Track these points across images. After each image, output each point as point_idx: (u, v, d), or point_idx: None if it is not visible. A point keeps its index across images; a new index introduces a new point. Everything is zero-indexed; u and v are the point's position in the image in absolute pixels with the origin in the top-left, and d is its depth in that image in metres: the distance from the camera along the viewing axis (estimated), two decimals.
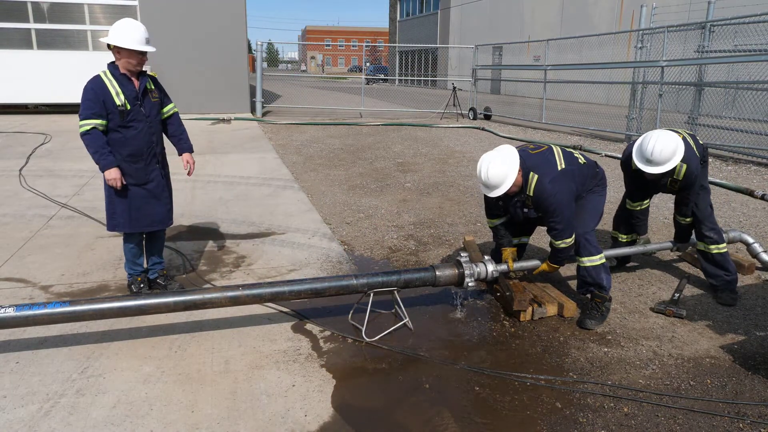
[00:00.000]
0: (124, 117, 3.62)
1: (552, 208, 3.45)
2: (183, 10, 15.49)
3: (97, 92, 3.55)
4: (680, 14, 16.07)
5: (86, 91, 3.58)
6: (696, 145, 4.03)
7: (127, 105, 3.62)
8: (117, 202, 3.75)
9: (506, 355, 3.33)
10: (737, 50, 9.65)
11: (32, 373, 3.00)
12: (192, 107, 15.82)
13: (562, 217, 3.47)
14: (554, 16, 26.91)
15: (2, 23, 14.46)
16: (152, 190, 3.84)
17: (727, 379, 3.08)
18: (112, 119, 3.61)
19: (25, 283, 4.20)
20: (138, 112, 3.69)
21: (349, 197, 6.95)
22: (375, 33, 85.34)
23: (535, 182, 3.44)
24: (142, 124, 3.72)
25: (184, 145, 4.09)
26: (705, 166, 4.14)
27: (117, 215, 3.78)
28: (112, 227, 3.84)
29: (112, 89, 3.58)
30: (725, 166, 9.19)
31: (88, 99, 3.56)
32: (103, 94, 3.56)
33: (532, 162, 3.50)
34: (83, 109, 3.57)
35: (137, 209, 3.79)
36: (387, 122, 15.32)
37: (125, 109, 3.61)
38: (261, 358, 3.21)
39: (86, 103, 3.56)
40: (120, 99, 3.59)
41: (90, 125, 3.55)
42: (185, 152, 4.09)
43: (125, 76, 3.65)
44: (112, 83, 3.59)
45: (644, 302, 4.08)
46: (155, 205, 3.87)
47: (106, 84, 3.58)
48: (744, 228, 5.75)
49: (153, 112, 3.81)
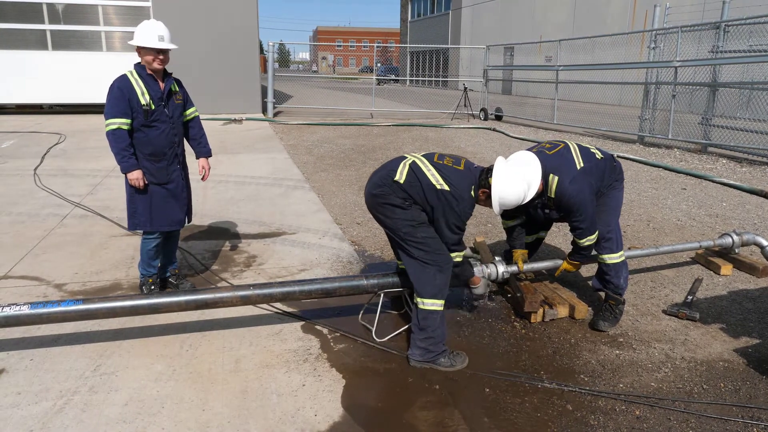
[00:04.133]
0: (148, 117, 3.63)
1: (575, 207, 3.40)
2: (195, 11, 15.59)
3: (123, 91, 3.56)
4: (694, 14, 15.90)
5: (112, 89, 3.59)
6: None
7: (151, 105, 3.63)
8: (138, 201, 3.77)
9: (517, 357, 3.31)
10: (752, 50, 9.54)
11: (46, 370, 3.03)
12: (204, 107, 15.73)
13: (585, 215, 3.42)
14: (566, 16, 26.76)
15: (18, 24, 14.65)
16: (172, 190, 3.86)
17: (741, 383, 3.05)
18: (137, 118, 3.62)
19: (39, 281, 4.25)
20: (162, 113, 3.71)
21: (359, 197, 6.95)
22: (386, 33, 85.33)
23: (556, 184, 3.38)
24: (165, 124, 3.74)
25: (203, 150, 4.13)
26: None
27: (138, 214, 3.79)
28: (133, 226, 3.84)
29: (137, 88, 3.60)
30: (739, 167, 9.09)
31: (114, 97, 3.57)
32: (129, 92, 3.57)
33: (551, 163, 3.42)
34: (109, 107, 3.58)
35: (157, 208, 3.80)
36: (398, 123, 15.32)
37: (150, 108, 3.63)
38: (271, 358, 3.22)
39: (112, 101, 3.57)
40: (145, 99, 3.61)
41: (116, 124, 3.56)
42: (203, 157, 4.13)
43: (151, 77, 3.66)
44: (138, 82, 3.61)
45: (657, 304, 4.04)
46: (174, 205, 3.89)
47: (132, 83, 3.60)
48: (758, 230, 5.68)
49: (176, 114, 3.83)
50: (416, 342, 3.16)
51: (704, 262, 4.79)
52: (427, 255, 3.12)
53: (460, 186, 3.11)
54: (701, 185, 7.89)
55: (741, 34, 9.85)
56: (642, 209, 6.55)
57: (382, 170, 3.28)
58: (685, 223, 6.00)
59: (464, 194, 3.11)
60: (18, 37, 14.71)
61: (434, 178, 3.10)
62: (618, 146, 11.44)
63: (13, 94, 14.93)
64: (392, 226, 3.17)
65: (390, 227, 3.20)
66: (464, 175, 3.17)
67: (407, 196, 3.12)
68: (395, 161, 3.27)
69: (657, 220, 6.10)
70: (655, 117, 11.45)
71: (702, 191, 7.51)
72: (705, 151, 10.35)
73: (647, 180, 8.23)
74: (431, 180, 3.10)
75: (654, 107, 11.45)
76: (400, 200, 3.12)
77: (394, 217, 3.14)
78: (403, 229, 3.12)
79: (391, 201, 3.13)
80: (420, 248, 3.11)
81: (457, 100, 17.51)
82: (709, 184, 7.99)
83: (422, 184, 3.10)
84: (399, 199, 3.12)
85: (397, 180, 3.12)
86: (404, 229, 3.12)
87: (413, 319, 3.23)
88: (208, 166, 4.15)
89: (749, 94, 9.93)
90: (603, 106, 14.39)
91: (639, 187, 7.73)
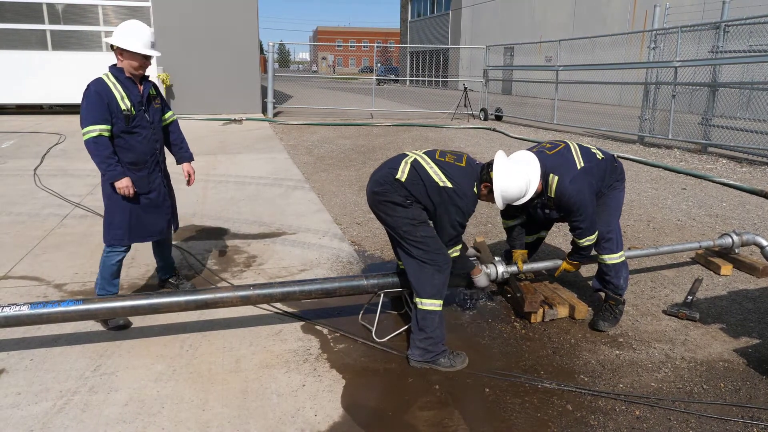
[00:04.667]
0: (129, 122, 3.43)
1: (575, 207, 3.39)
2: (195, 11, 15.60)
3: (102, 95, 3.34)
4: (694, 14, 15.91)
5: (89, 94, 3.35)
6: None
7: (132, 110, 3.44)
8: (117, 212, 3.53)
9: (517, 357, 3.31)
10: (752, 50, 9.54)
11: (46, 370, 3.03)
12: (204, 108, 15.94)
13: (585, 215, 3.42)
14: (566, 16, 26.76)
15: (18, 24, 14.66)
16: (154, 199, 3.66)
17: (741, 383, 3.05)
18: (116, 124, 3.40)
19: (40, 281, 4.25)
20: (142, 118, 3.52)
21: (359, 198, 6.95)
22: (386, 34, 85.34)
23: (556, 184, 3.37)
24: (147, 130, 3.55)
25: (185, 154, 3.95)
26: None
27: (114, 226, 3.55)
28: (108, 240, 3.57)
29: (117, 93, 3.39)
30: (739, 167, 9.09)
31: (93, 102, 3.33)
32: (108, 97, 3.35)
33: (551, 163, 3.42)
34: (87, 113, 3.33)
35: (137, 219, 3.59)
36: (398, 123, 15.31)
37: (130, 114, 3.43)
38: (271, 358, 3.22)
39: (90, 106, 3.33)
40: (125, 103, 3.40)
41: (96, 131, 3.32)
42: (185, 161, 3.94)
43: (130, 80, 3.47)
44: (116, 87, 3.40)
45: (657, 304, 4.04)
46: (156, 215, 3.69)
47: (110, 87, 3.38)
48: (758, 230, 5.68)
49: (156, 119, 3.66)
50: (416, 342, 3.16)
51: (704, 262, 4.80)
52: (426, 254, 3.12)
53: (463, 182, 3.11)
54: (701, 185, 7.90)
55: (741, 34, 9.85)
56: (642, 209, 6.55)
57: (384, 168, 3.28)
58: (685, 223, 6.00)
59: (467, 191, 3.11)
60: (18, 37, 14.71)
61: (437, 175, 3.10)
62: (618, 146, 11.44)
63: (13, 94, 14.93)
64: (392, 224, 3.17)
65: (390, 225, 3.20)
66: (466, 171, 3.17)
67: (409, 194, 3.12)
68: (397, 159, 3.27)
69: (657, 220, 6.11)
70: (655, 117, 11.45)
71: (702, 191, 7.52)
72: (705, 151, 10.35)
73: (647, 180, 8.23)
74: (434, 177, 3.10)
75: (654, 107, 11.46)
76: (401, 198, 3.12)
77: (395, 215, 3.14)
78: (404, 227, 3.13)
79: (392, 199, 3.13)
80: (419, 247, 3.12)
81: (457, 101, 17.51)
82: (709, 184, 7.99)
83: (425, 182, 3.09)
84: (400, 197, 3.12)
85: (399, 178, 3.12)
86: (404, 228, 3.12)
87: (413, 320, 3.23)
88: (193, 170, 3.98)
89: (749, 94, 9.93)
90: (603, 106, 14.39)
91: (639, 187, 7.73)
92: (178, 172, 3.96)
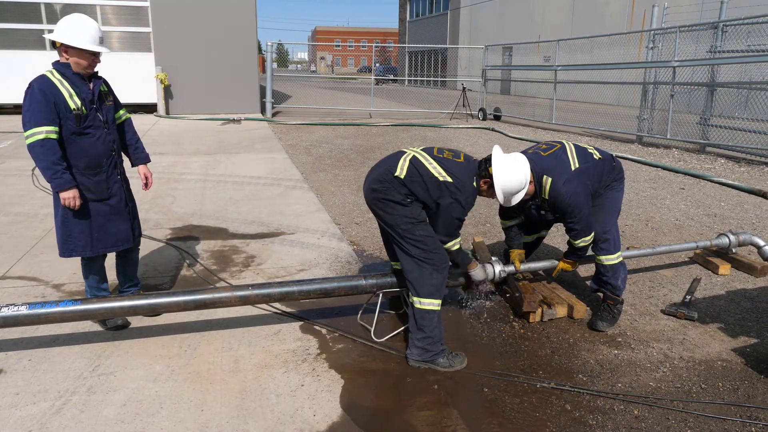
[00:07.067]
0: (81, 122, 3.14)
1: (569, 209, 3.38)
2: (194, 10, 15.59)
3: (47, 94, 3.03)
4: (692, 14, 15.93)
5: (32, 93, 3.04)
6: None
7: (83, 109, 3.14)
8: (74, 223, 3.26)
9: (515, 357, 3.31)
10: (750, 50, 9.56)
11: (44, 370, 3.03)
12: (202, 107, 15.94)
13: (580, 216, 3.41)
14: (565, 16, 26.77)
15: (16, 24, 14.65)
16: (115, 205, 3.39)
17: (739, 383, 3.05)
18: (65, 125, 3.10)
19: (38, 281, 4.24)
20: (95, 118, 3.22)
21: (358, 197, 6.95)
22: (385, 33, 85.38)
23: (550, 185, 3.36)
24: (100, 131, 3.26)
25: (141, 155, 3.66)
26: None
27: (74, 238, 3.28)
28: (68, 252, 3.31)
29: (64, 91, 3.09)
30: (738, 167, 9.10)
31: (37, 102, 3.01)
32: (54, 95, 3.05)
33: (545, 164, 3.41)
34: (30, 115, 3.02)
35: (99, 228, 3.33)
36: (396, 123, 15.32)
37: (81, 113, 3.13)
38: (270, 358, 3.22)
39: (34, 107, 3.02)
40: (75, 102, 3.11)
41: (42, 133, 3.01)
42: (141, 163, 3.67)
43: (78, 76, 3.17)
44: (63, 84, 3.11)
45: (655, 304, 4.05)
46: (118, 222, 3.42)
47: (57, 84, 3.09)
48: (756, 230, 5.69)
49: (110, 118, 3.36)
50: (414, 342, 3.16)
51: (702, 262, 4.80)
52: (424, 254, 3.12)
53: (462, 177, 3.11)
54: (699, 185, 7.91)
55: (739, 34, 9.87)
56: (640, 209, 6.56)
57: (382, 165, 3.27)
58: (683, 223, 6.01)
59: (467, 185, 3.12)
60: (16, 37, 14.71)
61: (436, 170, 3.10)
62: (616, 146, 11.45)
63: (11, 94, 14.91)
64: (391, 222, 3.17)
65: (389, 223, 3.19)
66: (465, 166, 3.18)
67: (408, 192, 3.11)
68: (395, 156, 3.27)
69: (655, 220, 6.11)
70: (654, 117, 11.47)
71: (700, 191, 7.53)
72: (703, 151, 10.37)
73: (646, 180, 8.24)
74: (433, 172, 3.10)
75: (652, 107, 11.48)
76: (401, 197, 3.12)
77: (394, 213, 3.14)
78: (402, 225, 3.12)
79: (391, 197, 3.13)
80: (418, 246, 3.11)
81: (455, 100, 17.52)
82: (708, 183, 8.00)
83: (424, 178, 3.09)
84: (400, 195, 3.12)
85: (398, 175, 3.11)
86: (403, 226, 3.12)
87: (410, 319, 3.23)
88: (150, 174, 3.71)
89: (747, 93, 9.94)
90: (601, 106, 14.40)
91: (637, 186, 7.74)
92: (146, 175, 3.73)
